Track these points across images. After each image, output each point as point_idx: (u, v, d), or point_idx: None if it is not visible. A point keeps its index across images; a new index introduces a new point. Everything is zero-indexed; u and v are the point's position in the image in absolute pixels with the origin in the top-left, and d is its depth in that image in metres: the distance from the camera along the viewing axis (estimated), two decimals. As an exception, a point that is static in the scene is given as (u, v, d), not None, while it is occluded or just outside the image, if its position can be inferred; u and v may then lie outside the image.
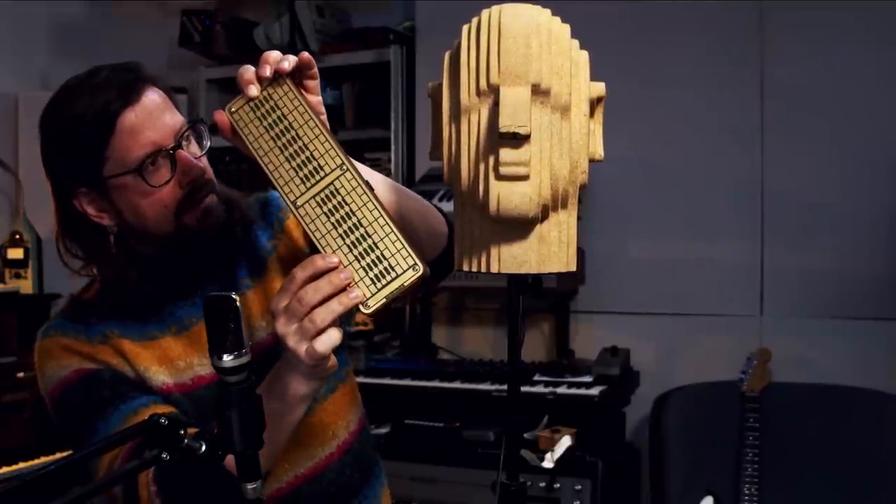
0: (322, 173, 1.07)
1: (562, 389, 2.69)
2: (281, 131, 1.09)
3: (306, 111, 1.09)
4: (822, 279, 2.82)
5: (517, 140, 0.93)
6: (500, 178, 0.94)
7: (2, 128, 3.58)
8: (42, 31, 3.97)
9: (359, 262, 1.04)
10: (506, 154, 0.93)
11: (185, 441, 1.06)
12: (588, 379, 2.75)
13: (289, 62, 1.13)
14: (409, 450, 2.68)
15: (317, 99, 1.17)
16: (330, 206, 1.05)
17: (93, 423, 1.20)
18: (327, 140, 1.08)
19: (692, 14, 2.95)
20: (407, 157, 3.42)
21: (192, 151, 1.26)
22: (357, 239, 1.04)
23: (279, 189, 1.08)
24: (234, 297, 0.99)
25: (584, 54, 0.99)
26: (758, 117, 2.90)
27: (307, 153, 1.08)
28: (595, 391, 2.66)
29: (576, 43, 0.98)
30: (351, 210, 1.05)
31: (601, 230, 3.02)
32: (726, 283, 2.95)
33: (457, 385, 2.81)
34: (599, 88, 0.99)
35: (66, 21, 4.03)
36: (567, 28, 0.98)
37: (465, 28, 0.99)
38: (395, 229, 1.04)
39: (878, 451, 2.52)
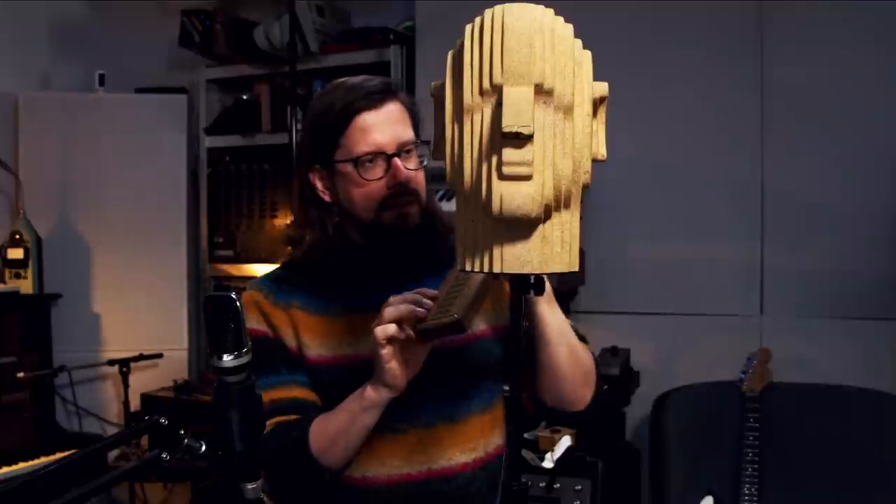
0: None
1: (562, 389, 2.68)
2: None
3: None
4: (823, 279, 2.82)
5: (520, 140, 0.92)
6: (502, 178, 0.93)
7: (2, 128, 3.58)
8: (42, 31, 3.97)
9: (443, 301, 1.30)
10: (509, 154, 0.93)
11: (185, 441, 1.06)
12: (588, 379, 2.74)
13: None
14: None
15: None
16: (460, 274, 1.33)
17: None
18: None
19: (692, 14, 2.95)
20: (407, 157, 3.42)
21: (409, 164, 1.46)
22: (456, 289, 1.32)
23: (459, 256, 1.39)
24: (234, 296, 0.99)
25: (588, 54, 0.99)
26: (758, 117, 2.90)
27: None
28: (595, 391, 2.66)
29: (579, 43, 0.98)
30: (468, 275, 1.30)
31: (601, 230, 3.02)
32: (726, 283, 2.95)
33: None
34: (602, 88, 0.99)
35: (66, 21, 4.03)
36: (570, 28, 0.98)
37: (468, 27, 0.98)
38: (470, 301, 1.28)
39: (878, 451, 2.52)
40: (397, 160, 1.43)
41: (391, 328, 1.28)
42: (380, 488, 1.43)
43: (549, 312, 1.44)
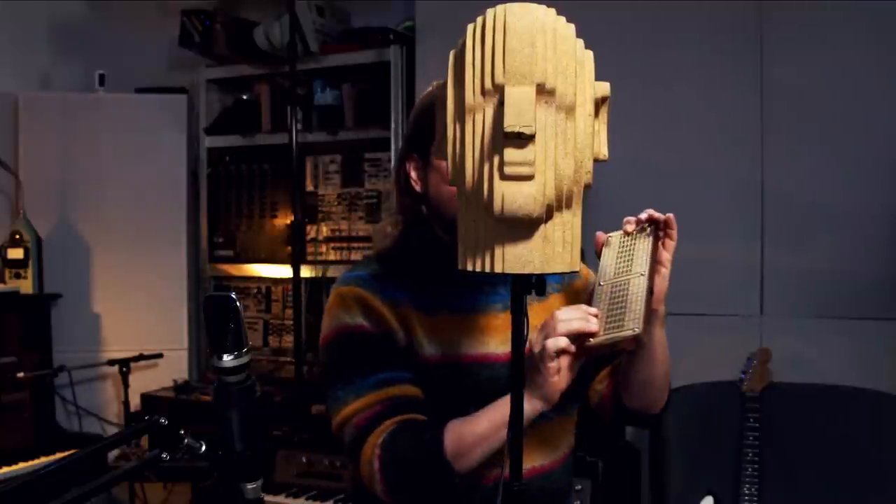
0: (626, 276, 1.39)
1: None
2: (622, 253, 1.45)
3: (646, 252, 1.42)
4: (822, 279, 2.82)
5: (522, 140, 0.93)
6: (504, 177, 0.94)
7: (2, 128, 3.58)
8: (42, 31, 3.97)
9: (607, 316, 1.33)
10: (510, 154, 0.93)
11: (185, 441, 1.06)
12: (588, 379, 2.74)
13: (658, 214, 1.46)
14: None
15: (667, 256, 1.45)
16: (616, 290, 1.37)
17: (352, 374, 1.45)
18: (645, 264, 1.39)
19: (692, 14, 2.95)
20: (407, 156, 3.41)
21: None
22: (616, 305, 1.34)
23: (601, 269, 1.44)
24: (233, 296, 0.99)
25: (589, 54, 0.99)
26: (758, 117, 2.90)
27: (628, 267, 1.41)
28: (595, 391, 2.66)
29: (581, 42, 0.98)
30: (626, 292, 1.35)
31: (601, 230, 3.01)
32: (726, 283, 2.95)
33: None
34: (604, 88, 0.99)
35: (66, 21, 4.03)
36: (572, 28, 0.98)
37: (470, 27, 0.98)
38: (643, 306, 1.31)
39: (877, 451, 2.52)
40: None
41: (562, 341, 1.28)
42: (483, 486, 1.44)
43: (661, 333, 1.49)
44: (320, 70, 3.53)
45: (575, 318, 1.30)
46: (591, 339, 1.30)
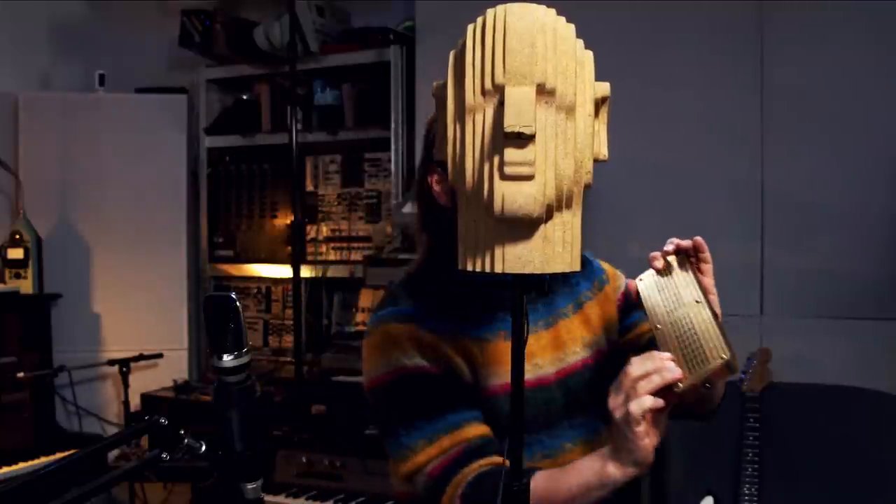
0: (682, 310, 1.31)
1: (562, 389, 2.68)
2: (664, 290, 1.38)
3: (690, 281, 1.36)
4: (822, 279, 2.82)
5: (522, 140, 0.93)
6: (504, 178, 0.94)
7: (2, 128, 3.58)
8: (42, 31, 3.98)
9: (683, 355, 1.24)
10: (511, 154, 0.93)
11: (185, 441, 1.06)
12: (588, 379, 2.74)
13: (684, 242, 1.41)
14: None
15: (710, 280, 1.40)
16: (680, 327, 1.28)
17: (416, 418, 1.35)
18: (697, 291, 1.33)
19: (692, 14, 2.95)
20: (407, 156, 3.42)
21: None
22: (688, 342, 1.25)
23: (651, 313, 1.35)
24: (233, 296, 0.99)
25: (589, 54, 0.99)
26: (758, 117, 2.89)
27: (678, 301, 1.33)
28: (595, 391, 2.66)
29: (581, 43, 0.98)
30: (692, 324, 1.27)
31: (600, 230, 3.02)
32: (726, 283, 2.92)
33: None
34: (604, 88, 0.99)
35: (66, 21, 4.03)
36: (572, 28, 0.98)
37: (470, 27, 0.99)
38: (719, 331, 1.23)
39: (877, 451, 2.52)
40: None
41: (648, 401, 1.19)
42: None
43: None
44: (320, 70, 3.54)
45: (652, 371, 1.20)
46: (679, 385, 1.20)
